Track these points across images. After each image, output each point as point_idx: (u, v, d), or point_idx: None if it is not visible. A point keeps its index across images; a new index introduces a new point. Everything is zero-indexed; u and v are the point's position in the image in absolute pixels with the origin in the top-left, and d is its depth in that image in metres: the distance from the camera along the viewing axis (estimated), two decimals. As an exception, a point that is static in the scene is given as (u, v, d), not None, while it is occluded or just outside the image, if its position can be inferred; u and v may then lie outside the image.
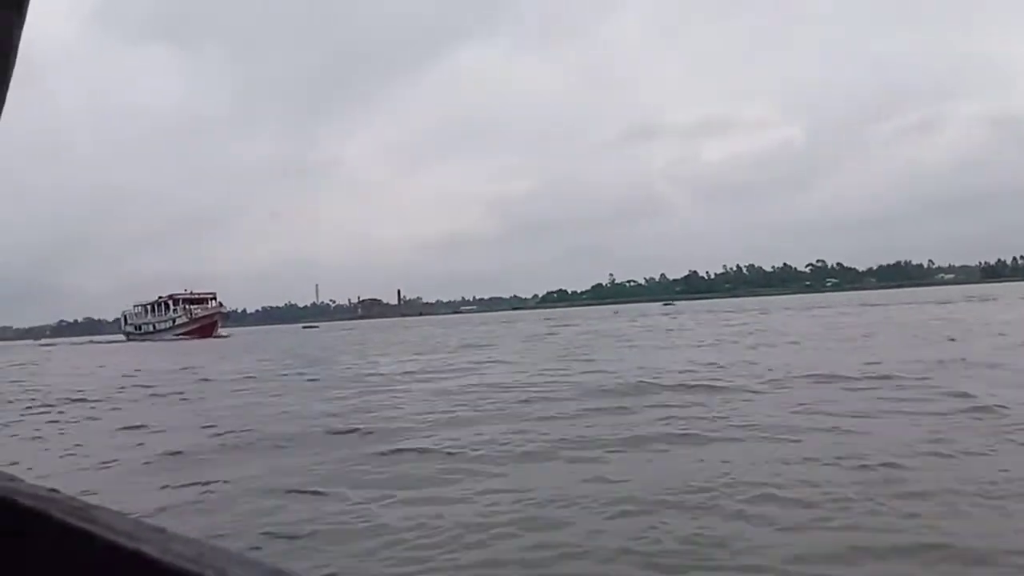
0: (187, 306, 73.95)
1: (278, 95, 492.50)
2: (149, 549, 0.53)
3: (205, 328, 70.40)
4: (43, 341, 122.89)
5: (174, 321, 73.43)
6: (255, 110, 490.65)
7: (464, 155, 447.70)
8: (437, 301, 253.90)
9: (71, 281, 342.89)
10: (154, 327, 76.07)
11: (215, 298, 76.45)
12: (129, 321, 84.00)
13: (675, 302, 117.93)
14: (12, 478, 0.72)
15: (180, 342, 59.33)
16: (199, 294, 76.24)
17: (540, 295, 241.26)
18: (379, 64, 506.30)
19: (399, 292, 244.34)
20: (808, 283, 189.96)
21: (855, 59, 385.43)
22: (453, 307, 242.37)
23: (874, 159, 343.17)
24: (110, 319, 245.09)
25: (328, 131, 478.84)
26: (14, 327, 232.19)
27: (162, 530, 0.56)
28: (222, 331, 72.72)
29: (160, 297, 77.76)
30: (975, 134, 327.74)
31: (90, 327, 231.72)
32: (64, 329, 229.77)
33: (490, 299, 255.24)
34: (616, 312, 73.04)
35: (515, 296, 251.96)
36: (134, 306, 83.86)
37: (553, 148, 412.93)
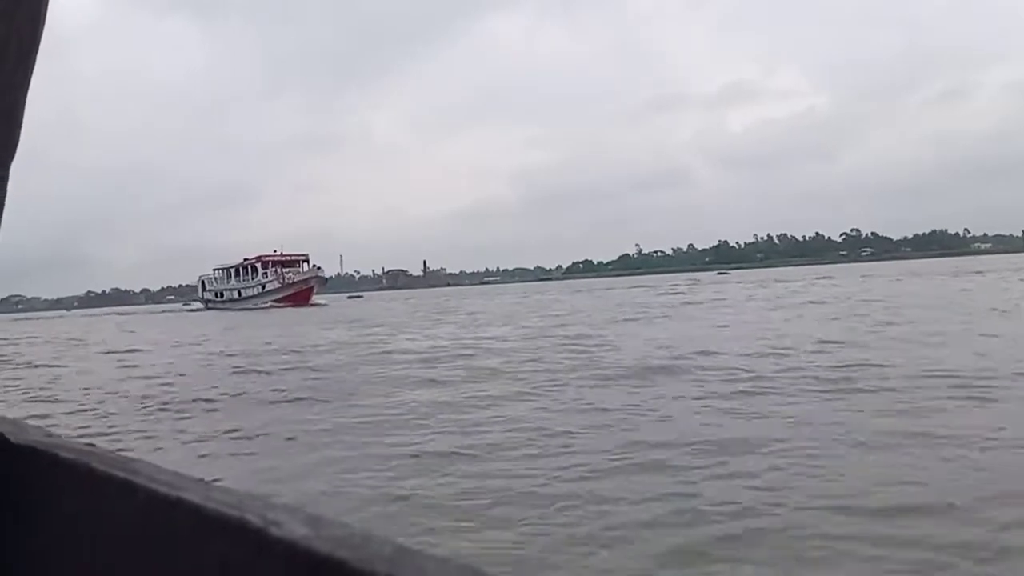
0: (279, 269, 62.63)
1: (302, 68, 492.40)
2: (191, 496, 0.54)
3: (300, 295, 59.43)
4: (120, 310, 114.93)
5: (263, 287, 62.57)
6: (279, 83, 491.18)
7: (488, 126, 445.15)
8: (461, 272, 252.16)
9: (96, 253, 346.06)
10: (239, 293, 65.67)
11: (308, 260, 65.06)
12: (208, 287, 73.31)
13: (728, 271, 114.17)
14: (49, 433, 0.77)
15: (273, 311, 51.21)
16: (290, 256, 65.13)
17: (565, 266, 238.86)
18: (403, 36, 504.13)
19: (424, 263, 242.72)
20: (843, 252, 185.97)
21: (887, 24, 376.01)
22: (478, 278, 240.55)
23: (905, 126, 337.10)
24: (137, 290, 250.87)
25: (351, 104, 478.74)
26: (43, 298, 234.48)
27: (201, 480, 0.58)
28: (318, 298, 61.78)
29: (246, 259, 66.55)
30: (1011, 100, 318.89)
31: (118, 298, 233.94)
32: (92, 300, 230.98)
33: (514, 270, 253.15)
34: (698, 281, 68.52)
35: (538, 267, 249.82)
36: (214, 270, 73.21)
37: (577, 118, 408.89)
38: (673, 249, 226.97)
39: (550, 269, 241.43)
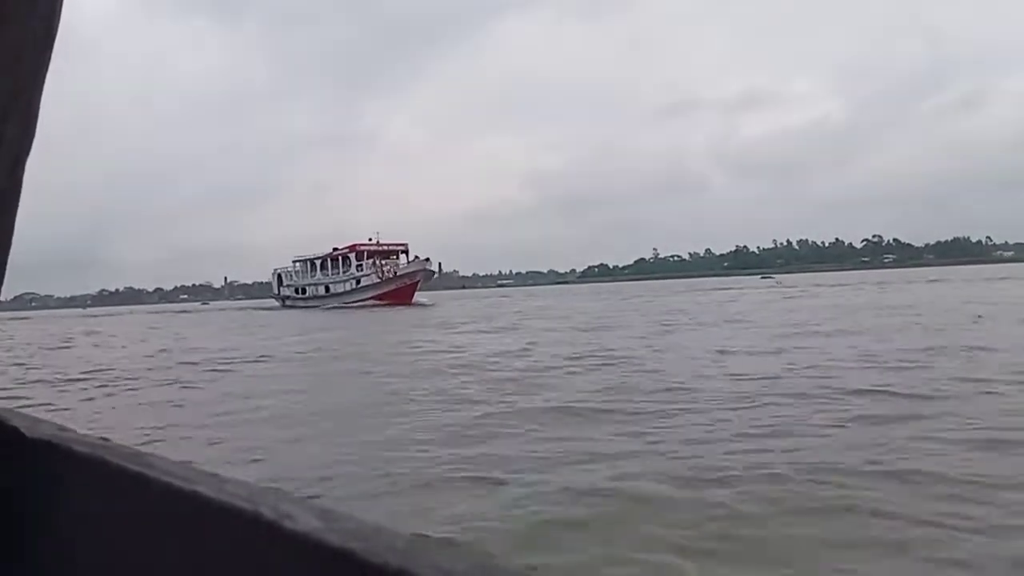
0: (376, 260, 52.83)
1: (320, 69, 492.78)
2: (205, 490, 0.54)
3: (402, 291, 50.11)
4: (179, 307, 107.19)
5: (357, 281, 52.76)
6: (296, 83, 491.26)
7: (503, 128, 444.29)
8: (473, 274, 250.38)
9: (109, 252, 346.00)
10: (326, 289, 55.34)
11: (407, 250, 54.75)
12: (287, 281, 61.45)
13: (773, 276, 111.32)
14: (63, 428, 0.77)
15: (373, 310, 43.12)
16: (388, 245, 54.82)
17: (579, 270, 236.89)
18: (421, 36, 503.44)
19: (439, 265, 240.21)
20: (865, 259, 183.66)
21: (905, 31, 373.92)
22: (491, 281, 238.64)
23: (923, 134, 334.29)
24: (150, 289, 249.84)
25: (368, 104, 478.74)
26: (56, 296, 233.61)
27: (215, 474, 0.58)
28: (420, 296, 51.93)
29: (335, 249, 56.32)
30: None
31: (131, 296, 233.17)
32: (105, 299, 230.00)
33: (527, 273, 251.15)
34: (779, 282, 66.06)
35: (552, 270, 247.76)
36: (294, 261, 61.60)
37: (592, 122, 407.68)
38: (690, 254, 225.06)
39: (564, 273, 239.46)
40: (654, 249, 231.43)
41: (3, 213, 0.76)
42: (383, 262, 52.81)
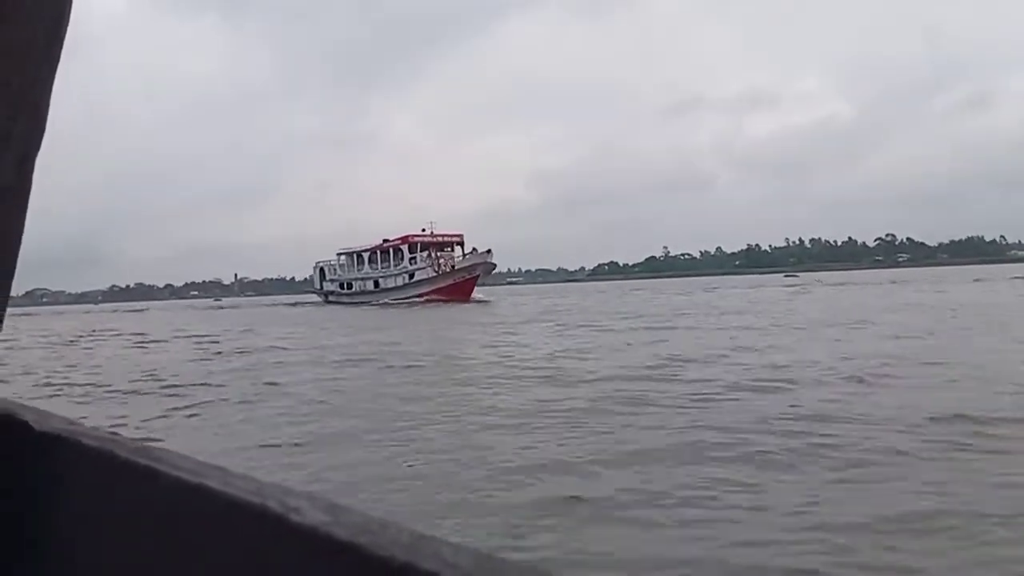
0: (432, 253, 48.86)
1: (324, 67, 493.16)
2: (213, 483, 0.55)
3: (461, 287, 45.85)
4: (224, 301, 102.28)
5: (410, 275, 48.58)
6: (301, 82, 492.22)
7: (509, 126, 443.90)
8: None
9: (117, 249, 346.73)
10: (375, 284, 51.05)
11: (462, 242, 50.34)
12: (330, 276, 57.38)
13: (797, 274, 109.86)
14: (72, 421, 0.77)
15: (426, 307, 39.30)
16: (443, 236, 50.36)
17: (588, 268, 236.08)
18: (424, 35, 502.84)
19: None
20: (879, 258, 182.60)
21: (911, 30, 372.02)
22: (501, 279, 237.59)
23: (930, 133, 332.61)
24: (161, 284, 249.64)
25: (373, 102, 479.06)
26: (67, 291, 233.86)
27: (222, 468, 0.58)
28: (477, 293, 47.19)
29: (386, 240, 52.37)
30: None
31: (141, 292, 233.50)
32: (116, 295, 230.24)
33: (536, 271, 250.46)
34: (800, 280, 64.51)
35: (561, 268, 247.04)
36: (338, 254, 57.63)
37: (596, 120, 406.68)
38: (701, 252, 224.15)
39: (574, 271, 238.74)
40: (664, 247, 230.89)
41: (14, 209, 0.76)
42: (438, 254, 48.90)
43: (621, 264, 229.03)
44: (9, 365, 15.03)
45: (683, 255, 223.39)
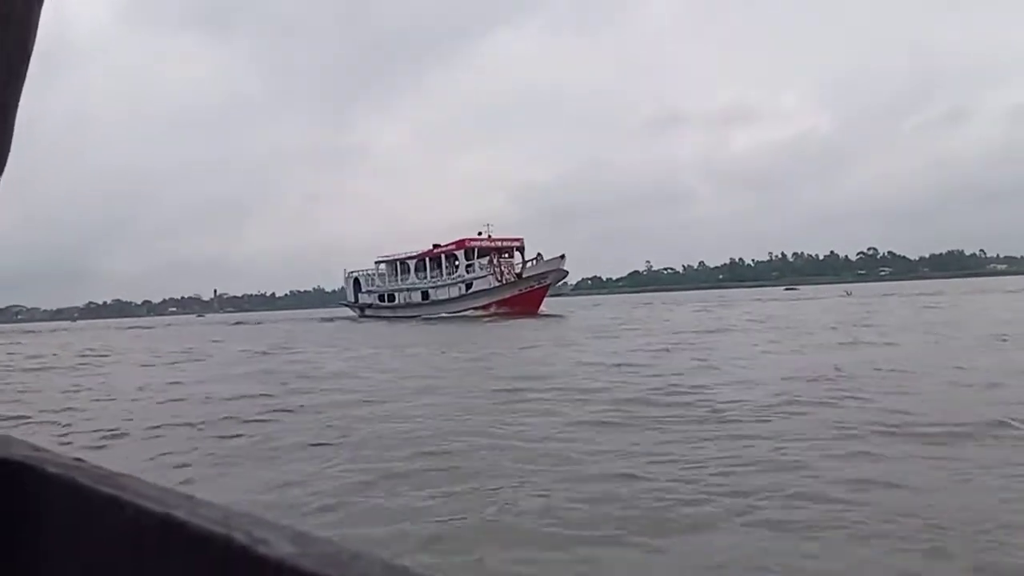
0: (493, 259, 42.03)
1: (309, 82, 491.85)
2: (178, 513, 0.53)
3: (529, 298, 39.50)
4: (146, 322, 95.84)
5: (467, 285, 41.78)
6: (287, 97, 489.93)
7: (492, 141, 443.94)
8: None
9: (94, 265, 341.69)
10: (423, 296, 44.44)
11: (522, 248, 43.32)
12: (367, 287, 50.16)
13: (797, 287, 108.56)
14: (37, 448, 0.74)
15: (488, 322, 32.67)
16: (502, 240, 43.30)
17: (571, 283, 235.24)
18: (412, 51, 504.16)
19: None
20: (862, 272, 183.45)
21: (890, 46, 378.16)
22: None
23: (911, 148, 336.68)
24: (139, 301, 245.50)
25: (359, 118, 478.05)
26: (42, 308, 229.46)
27: (189, 497, 0.56)
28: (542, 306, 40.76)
29: (436, 246, 45.16)
30: (1016, 123, 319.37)
31: (119, 309, 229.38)
32: (93, 311, 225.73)
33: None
34: (849, 293, 63.39)
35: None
36: (377, 261, 50.45)
37: (579, 135, 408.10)
38: (684, 266, 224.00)
39: (558, 285, 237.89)
40: (647, 262, 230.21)
41: None
42: (498, 261, 42.13)
43: (604, 279, 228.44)
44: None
45: (666, 269, 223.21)
